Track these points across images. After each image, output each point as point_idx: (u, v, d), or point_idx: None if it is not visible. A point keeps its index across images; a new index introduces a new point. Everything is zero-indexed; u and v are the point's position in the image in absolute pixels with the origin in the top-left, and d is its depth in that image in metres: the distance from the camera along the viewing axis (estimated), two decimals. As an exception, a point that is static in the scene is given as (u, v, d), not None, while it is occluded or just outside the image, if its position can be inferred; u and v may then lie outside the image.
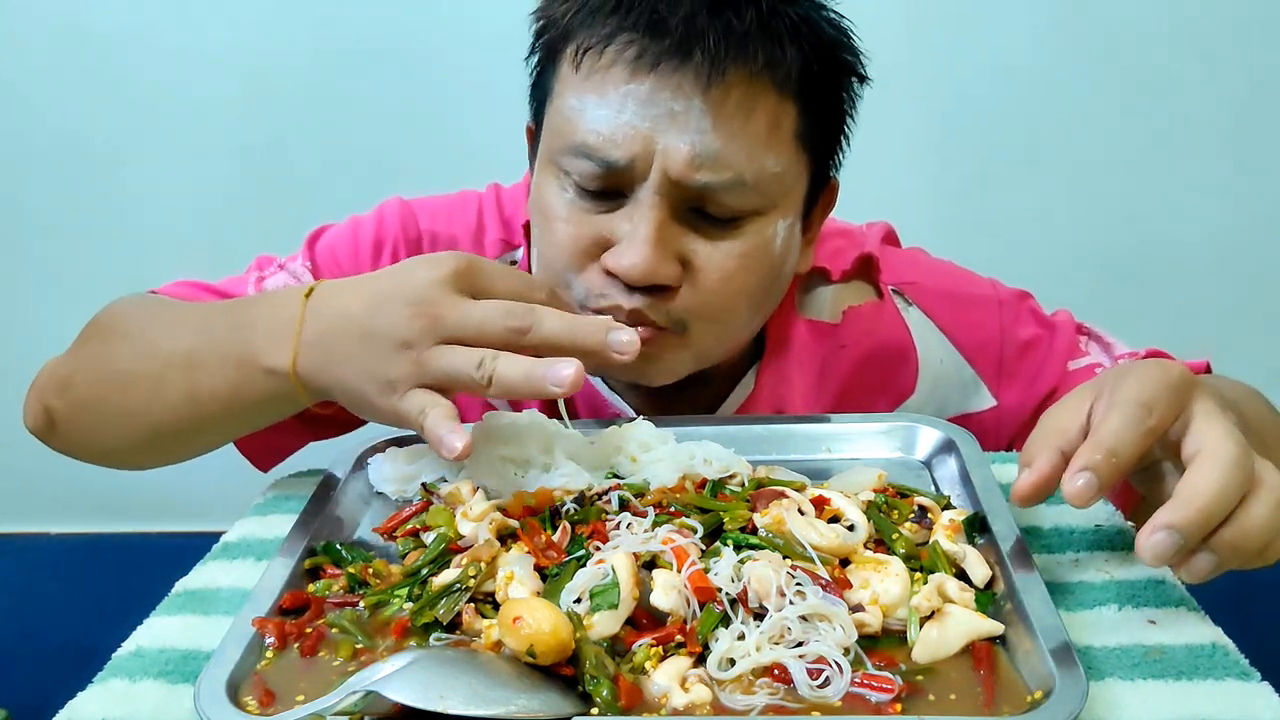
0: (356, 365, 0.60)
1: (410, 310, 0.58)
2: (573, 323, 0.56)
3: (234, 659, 0.50)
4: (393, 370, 0.58)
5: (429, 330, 0.57)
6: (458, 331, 0.57)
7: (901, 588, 0.53)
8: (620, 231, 0.69)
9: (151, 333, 0.75)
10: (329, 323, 0.62)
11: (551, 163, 0.72)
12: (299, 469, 0.78)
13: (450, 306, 0.57)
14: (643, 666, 0.48)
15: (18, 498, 2.15)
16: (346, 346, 0.61)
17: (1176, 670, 0.50)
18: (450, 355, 0.56)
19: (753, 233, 0.71)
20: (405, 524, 0.64)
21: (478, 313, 0.57)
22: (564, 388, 0.53)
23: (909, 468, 0.71)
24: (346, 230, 0.90)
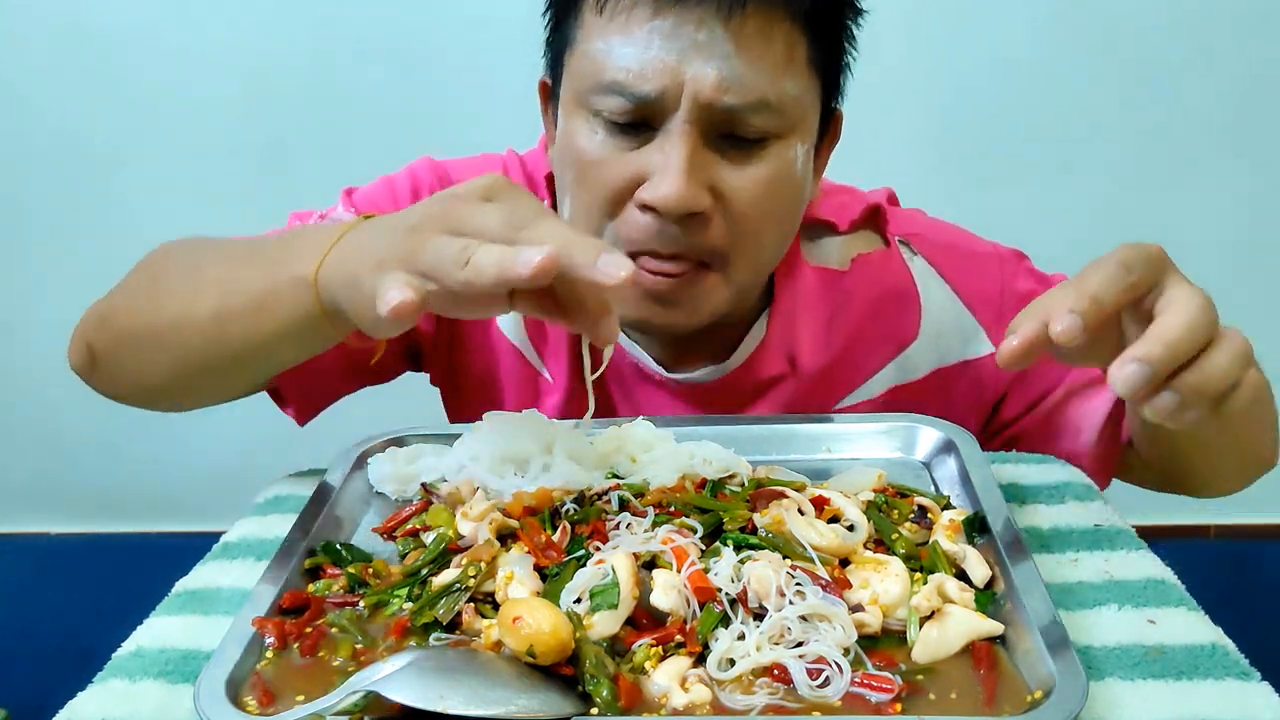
0: (366, 251, 0.58)
1: (433, 202, 0.58)
2: (570, 236, 0.52)
3: (234, 659, 0.50)
4: (391, 249, 0.55)
5: (437, 217, 0.55)
6: (461, 224, 0.54)
7: (901, 588, 0.53)
8: (653, 164, 0.72)
9: (188, 260, 0.74)
10: (365, 229, 0.60)
11: (580, 107, 0.75)
12: (299, 469, 0.78)
13: (465, 203, 0.55)
14: (642, 666, 0.49)
15: (18, 498, 2.15)
16: (366, 242, 0.59)
17: (1176, 670, 0.50)
18: (444, 241, 0.53)
19: (776, 155, 0.74)
20: (405, 524, 0.64)
21: (486, 209, 0.55)
22: (530, 270, 0.49)
23: (909, 468, 0.71)
24: (381, 184, 0.92)
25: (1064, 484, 0.69)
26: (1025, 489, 0.69)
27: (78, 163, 1.86)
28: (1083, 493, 0.68)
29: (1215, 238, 1.83)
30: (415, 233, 0.54)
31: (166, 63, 1.78)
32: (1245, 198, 1.81)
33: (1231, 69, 1.73)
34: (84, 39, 1.77)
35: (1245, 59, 1.72)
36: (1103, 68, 1.74)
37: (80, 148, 1.85)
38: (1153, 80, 1.74)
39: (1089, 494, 0.68)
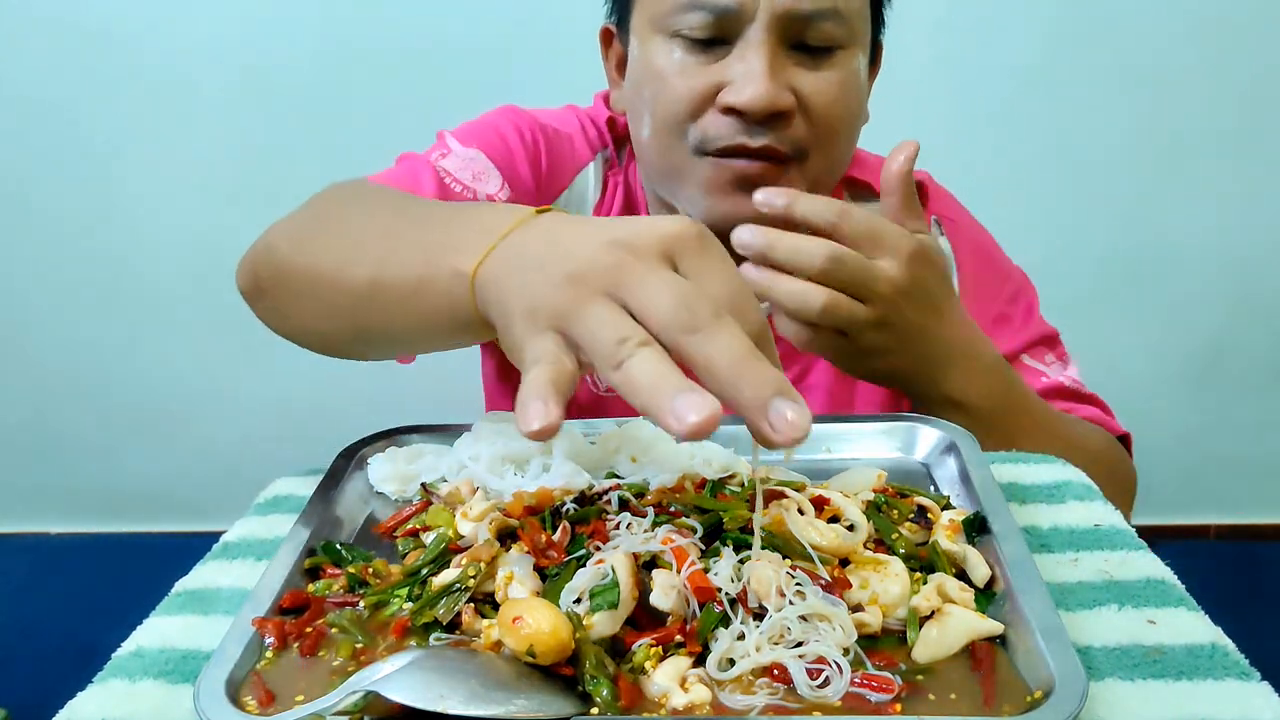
0: (524, 280, 0.50)
1: (605, 247, 0.47)
2: (745, 360, 0.42)
3: (234, 659, 0.50)
4: (548, 299, 0.47)
5: (607, 275, 0.46)
6: (629, 295, 0.45)
7: (901, 588, 0.53)
8: (733, 74, 0.77)
9: (355, 213, 0.70)
10: (534, 237, 0.52)
11: (656, 31, 0.80)
12: (299, 469, 0.78)
13: (643, 263, 0.46)
14: (642, 666, 0.48)
15: (18, 498, 2.15)
16: (530, 260, 0.50)
17: (1176, 670, 0.50)
18: (604, 316, 0.44)
19: (844, 63, 0.80)
20: (405, 524, 0.64)
21: (659, 285, 0.44)
22: (681, 432, 0.40)
23: (909, 468, 0.71)
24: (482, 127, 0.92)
25: (1064, 484, 0.69)
26: (1025, 489, 0.69)
27: (78, 163, 1.87)
28: (1083, 492, 0.68)
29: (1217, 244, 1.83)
30: (577, 286, 0.46)
31: (166, 61, 1.79)
32: (1247, 204, 1.82)
33: (1234, 75, 1.73)
34: (83, 37, 1.77)
35: (1248, 65, 1.72)
36: (1105, 74, 1.74)
37: (80, 149, 1.86)
38: (1155, 86, 1.75)
39: (1089, 494, 0.68)
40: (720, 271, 0.47)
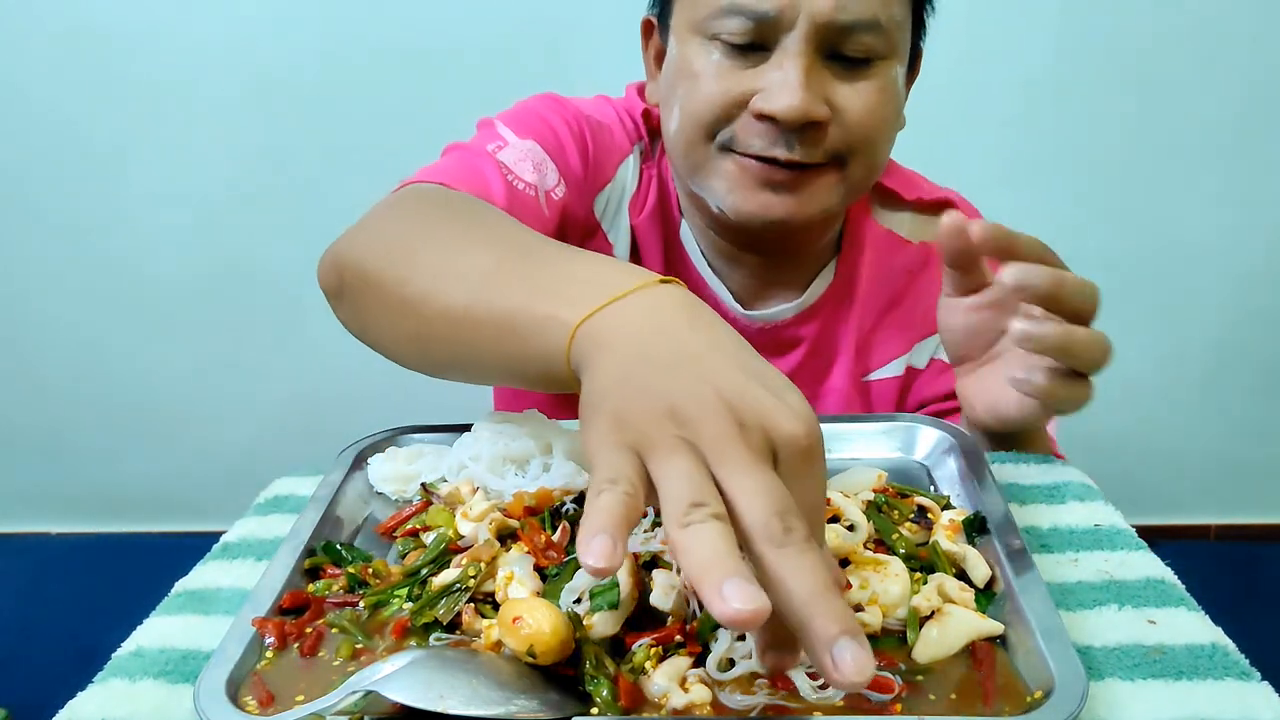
0: (626, 374, 0.45)
1: (723, 406, 0.42)
2: (823, 592, 0.39)
3: (234, 659, 0.50)
4: (642, 420, 0.43)
5: (710, 437, 0.42)
6: (726, 473, 0.41)
7: (901, 588, 0.53)
8: (768, 82, 0.76)
9: (456, 231, 0.66)
10: (652, 319, 0.48)
11: (695, 33, 0.79)
12: (299, 469, 0.78)
13: (750, 450, 0.42)
14: (642, 667, 0.48)
15: (18, 498, 2.16)
16: (641, 352, 0.46)
17: (1176, 670, 0.50)
18: (689, 470, 0.41)
19: (881, 74, 0.80)
20: (405, 524, 0.64)
21: (761, 483, 0.41)
22: (725, 616, 0.37)
23: (909, 468, 0.71)
24: (528, 114, 0.89)
25: (1064, 484, 0.69)
26: (1025, 489, 0.69)
27: (80, 165, 1.87)
28: (1083, 492, 0.68)
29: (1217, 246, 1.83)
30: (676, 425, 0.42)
31: (168, 63, 1.79)
32: (1247, 206, 1.82)
33: (1234, 79, 1.73)
34: (85, 39, 1.77)
35: (1248, 69, 1.72)
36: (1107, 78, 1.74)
37: (82, 150, 1.86)
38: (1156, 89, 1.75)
39: (1089, 494, 0.68)
40: (817, 489, 0.44)
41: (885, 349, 0.98)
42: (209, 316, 1.96)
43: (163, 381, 2.03)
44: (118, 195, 1.88)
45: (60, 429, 2.09)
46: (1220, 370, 1.89)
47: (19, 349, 2.03)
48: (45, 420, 2.08)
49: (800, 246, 0.92)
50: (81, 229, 1.92)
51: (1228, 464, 2.01)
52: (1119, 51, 1.72)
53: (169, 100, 1.81)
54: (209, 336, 1.98)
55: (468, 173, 0.81)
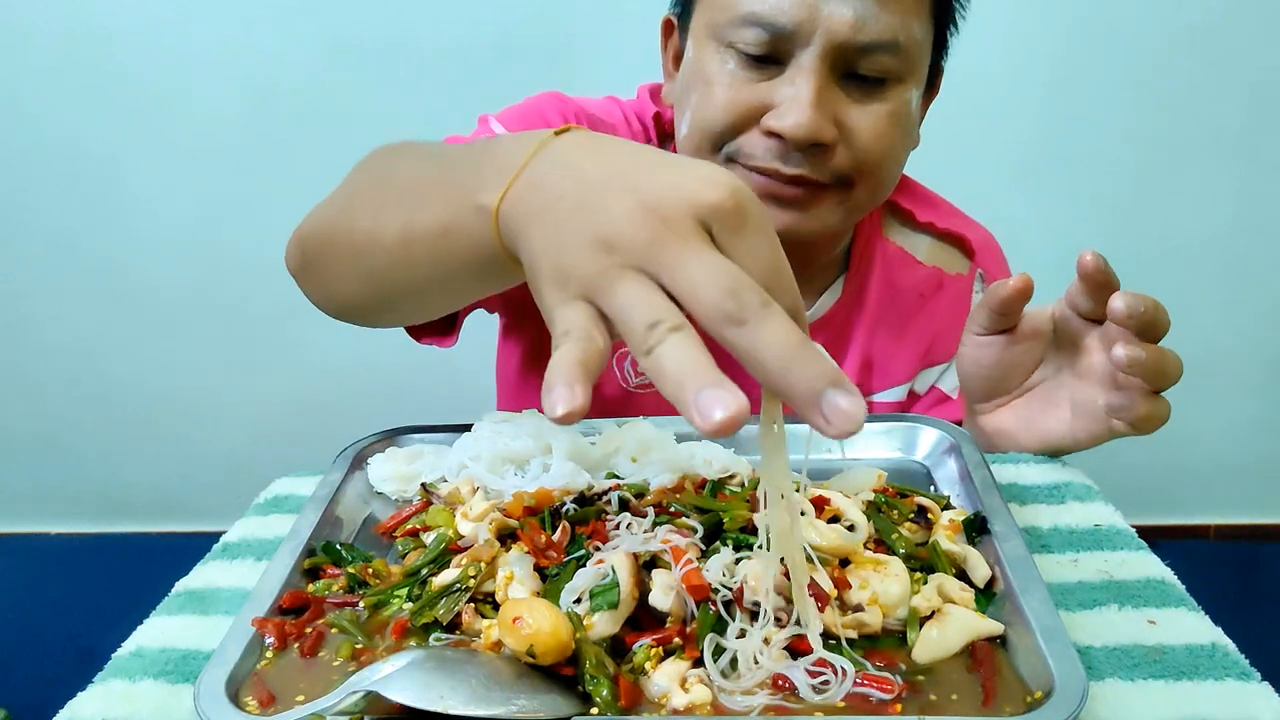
0: (550, 231, 0.46)
1: (639, 211, 0.43)
2: (796, 351, 0.39)
3: (234, 659, 0.50)
4: (577, 264, 0.43)
5: (640, 249, 0.42)
6: (668, 273, 0.41)
7: (901, 588, 0.53)
8: (780, 96, 0.76)
9: (385, 170, 0.67)
10: (557, 170, 0.48)
11: (712, 38, 0.79)
12: (299, 469, 0.78)
13: (681, 239, 0.42)
14: (642, 667, 0.48)
15: (18, 498, 2.16)
16: (556, 204, 0.46)
17: (1176, 670, 0.50)
18: (636, 295, 0.41)
19: (895, 96, 0.79)
20: (405, 524, 0.64)
21: (701, 269, 0.41)
22: (704, 428, 0.37)
23: (909, 468, 0.71)
24: (525, 111, 0.90)
25: (1064, 484, 0.69)
26: (1025, 489, 0.69)
27: (78, 166, 1.87)
28: (1083, 493, 0.68)
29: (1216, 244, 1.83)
30: (609, 254, 0.42)
31: (165, 66, 1.79)
32: (1246, 204, 1.82)
33: (1235, 77, 1.73)
34: (82, 43, 1.77)
35: (1249, 67, 1.72)
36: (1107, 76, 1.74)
37: (80, 151, 1.86)
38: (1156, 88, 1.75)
39: (1089, 494, 0.68)
40: (761, 248, 0.43)
41: (890, 372, 0.97)
42: (208, 317, 1.96)
43: (162, 382, 2.03)
44: (116, 197, 1.88)
45: (60, 429, 2.09)
46: (1220, 370, 1.89)
47: (19, 350, 2.03)
48: (45, 420, 2.08)
49: (805, 261, 0.91)
50: (80, 230, 1.91)
51: (1228, 464, 2.01)
52: (1119, 51, 1.72)
53: (166, 102, 1.81)
54: (208, 337, 1.98)
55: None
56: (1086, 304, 0.70)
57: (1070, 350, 0.73)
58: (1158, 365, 0.65)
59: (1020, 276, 0.71)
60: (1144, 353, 0.64)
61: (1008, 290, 0.70)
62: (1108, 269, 0.68)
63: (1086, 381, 0.71)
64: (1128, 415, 0.68)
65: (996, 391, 0.76)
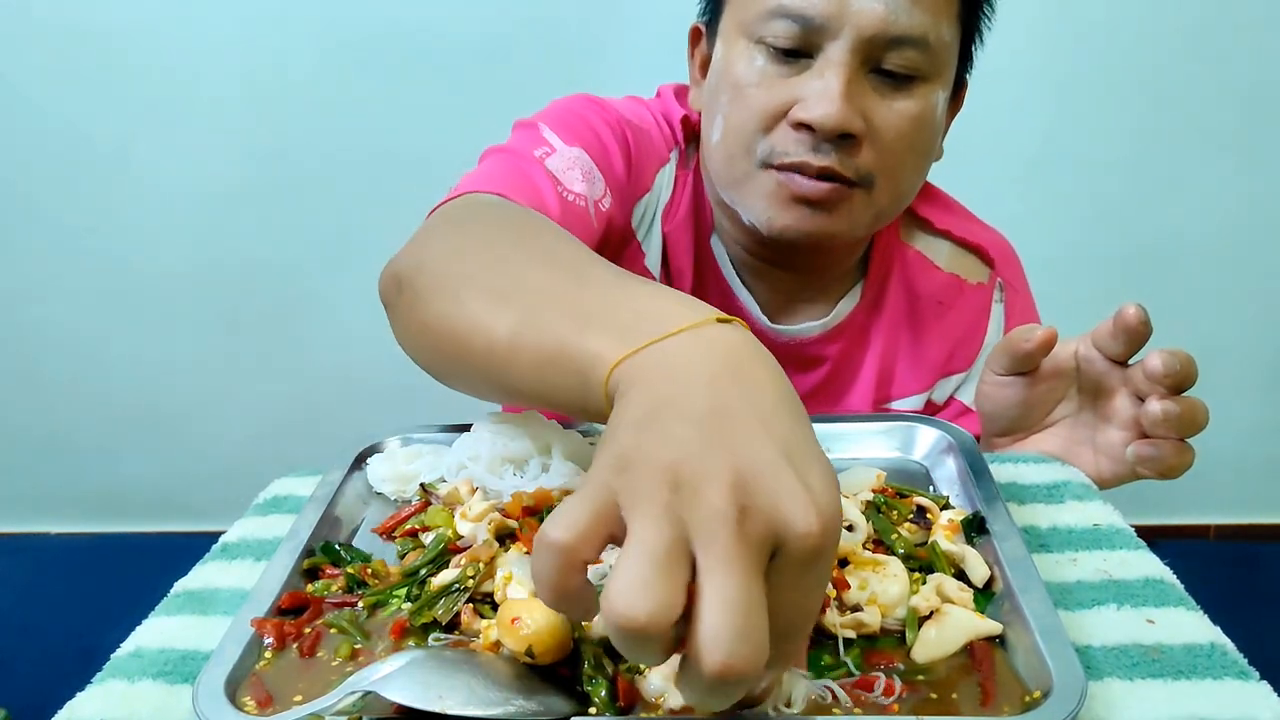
0: (635, 418, 0.41)
1: (728, 488, 0.36)
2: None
3: (232, 659, 0.50)
4: (631, 464, 0.38)
5: (700, 518, 0.36)
6: (702, 559, 0.36)
7: (900, 588, 0.53)
8: (810, 90, 0.76)
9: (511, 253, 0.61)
10: (694, 367, 0.43)
11: (742, 36, 0.80)
12: (299, 469, 0.78)
13: (742, 547, 0.36)
14: (639, 666, 0.48)
15: (18, 498, 2.16)
16: (660, 394, 0.42)
17: (1175, 670, 0.50)
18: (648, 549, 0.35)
19: (922, 96, 0.79)
20: (404, 524, 0.64)
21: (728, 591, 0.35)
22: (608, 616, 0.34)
23: (908, 468, 0.71)
24: (562, 114, 0.86)
25: (1063, 484, 0.69)
26: (1025, 489, 0.69)
27: (80, 164, 1.87)
28: (1082, 492, 0.68)
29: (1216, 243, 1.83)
30: (673, 493, 0.36)
31: (168, 62, 1.79)
32: (1246, 203, 1.82)
33: (1234, 75, 1.73)
34: (85, 38, 1.77)
35: (1248, 65, 1.72)
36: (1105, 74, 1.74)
37: (81, 149, 1.86)
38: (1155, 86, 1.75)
39: (1088, 494, 0.68)
40: (811, 595, 0.38)
41: (907, 381, 0.97)
42: (209, 316, 1.96)
43: (162, 382, 2.03)
44: (117, 195, 1.88)
45: (60, 429, 2.09)
46: (1220, 370, 1.89)
47: (18, 349, 2.03)
48: (45, 420, 2.08)
49: (828, 265, 0.92)
50: (81, 229, 1.92)
51: (1227, 464, 2.01)
52: (1120, 50, 1.72)
53: (168, 99, 1.81)
54: (209, 336, 1.98)
55: (520, 181, 0.77)
56: (1117, 350, 0.69)
57: (1093, 390, 0.72)
58: (1190, 417, 0.65)
59: (1046, 331, 0.70)
60: (1178, 408, 0.65)
61: (1032, 345, 0.70)
62: (1149, 322, 0.67)
63: (1112, 424, 0.71)
64: (1157, 466, 0.68)
65: (1016, 428, 0.76)
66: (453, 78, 1.76)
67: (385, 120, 1.78)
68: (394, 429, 0.76)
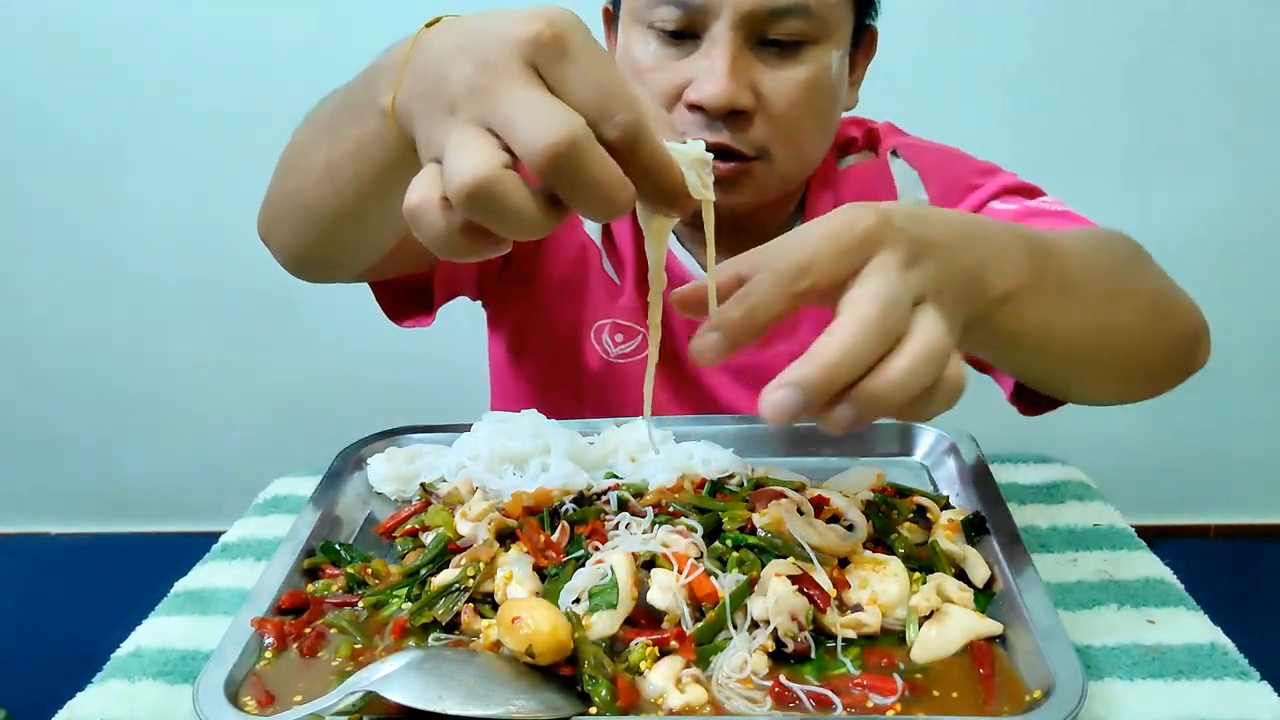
0: (423, 109, 0.48)
1: (471, 68, 0.44)
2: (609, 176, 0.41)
3: (233, 659, 0.50)
4: (433, 132, 0.46)
5: (471, 103, 0.44)
6: (492, 121, 0.43)
7: (900, 587, 0.53)
8: (698, 70, 0.78)
9: (313, 114, 0.71)
10: (426, 55, 0.50)
11: (635, 21, 0.81)
12: (299, 469, 0.78)
13: (502, 84, 0.43)
14: (638, 666, 0.48)
15: (18, 498, 2.15)
16: (424, 85, 0.48)
17: (1175, 670, 0.50)
18: (461, 152, 0.42)
19: (813, 59, 0.79)
20: (404, 524, 0.64)
21: (513, 111, 0.42)
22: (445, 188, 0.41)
23: (909, 468, 0.71)
24: None
25: (1063, 484, 0.69)
26: (1025, 489, 0.69)
27: (76, 163, 1.87)
28: (1082, 492, 0.68)
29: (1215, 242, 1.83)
30: (453, 115, 0.44)
31: (163, 59, 1.78)
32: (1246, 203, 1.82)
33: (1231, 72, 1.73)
34: (79, 36, 1.77)
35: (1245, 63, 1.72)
36: (1099, 68, 1.74)
37: (77, 148, 1.85)
38: (1150, 81, 1.75)
39: (1088, 494, 0.68)
40: (586, 70, 0.43)
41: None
42: (208, 316, 1.96)
43: (162, 381, 2.02)
44: (114, 194, 1.88)
45: (60, 429, 2.08)
46: (1219, 369, 1.89)
47: (17, 349, 2.03)
48: (45, 420, 2.08)
49: (760, 222, 0.91)
50: (79, 228, 1.91)
51: (1227, 464, 2.00)
52: (1110, 41, 1.72)
53: (164, 97, 1.81)
54: (208, 336, 1.97)
55: None
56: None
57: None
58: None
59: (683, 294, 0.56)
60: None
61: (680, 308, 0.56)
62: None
63: None
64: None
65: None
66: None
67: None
68: (394, 429, 0.76)
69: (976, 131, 1.76)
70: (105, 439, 2.10)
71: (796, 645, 0.50)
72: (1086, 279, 0.61)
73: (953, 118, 1.72)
